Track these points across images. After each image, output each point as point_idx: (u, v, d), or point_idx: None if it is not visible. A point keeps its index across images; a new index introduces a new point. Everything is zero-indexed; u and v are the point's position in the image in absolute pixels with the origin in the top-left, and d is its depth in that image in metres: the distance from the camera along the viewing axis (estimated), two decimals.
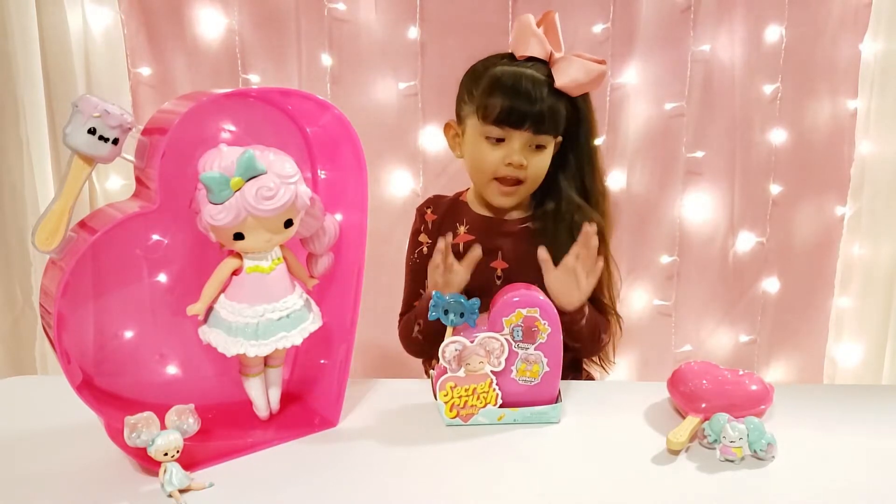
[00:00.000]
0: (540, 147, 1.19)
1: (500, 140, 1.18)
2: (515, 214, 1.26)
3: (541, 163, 1.20)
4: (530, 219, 1.25)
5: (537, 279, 1.12)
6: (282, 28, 1.78)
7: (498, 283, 1.22)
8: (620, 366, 2.00)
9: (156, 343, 1.00)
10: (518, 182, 1.20)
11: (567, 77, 1.16)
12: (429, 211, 1.33)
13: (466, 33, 1.74)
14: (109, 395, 0.93)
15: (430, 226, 1.31)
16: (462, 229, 1.27)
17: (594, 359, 1.32)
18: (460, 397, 1.00)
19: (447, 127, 1.28)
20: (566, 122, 1.19)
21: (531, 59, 1.18)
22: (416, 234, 1.33)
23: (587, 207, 1.23)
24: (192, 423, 0.86)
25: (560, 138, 1.22)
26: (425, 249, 1.29)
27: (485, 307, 1.00)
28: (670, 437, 0.94)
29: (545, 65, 1.18)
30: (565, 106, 1.18)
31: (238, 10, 1.75)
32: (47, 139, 1.65)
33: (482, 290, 1.12)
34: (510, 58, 1.20)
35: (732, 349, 2.00)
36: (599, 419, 1.04)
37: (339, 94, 1.81)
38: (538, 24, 1.20)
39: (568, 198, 1.22)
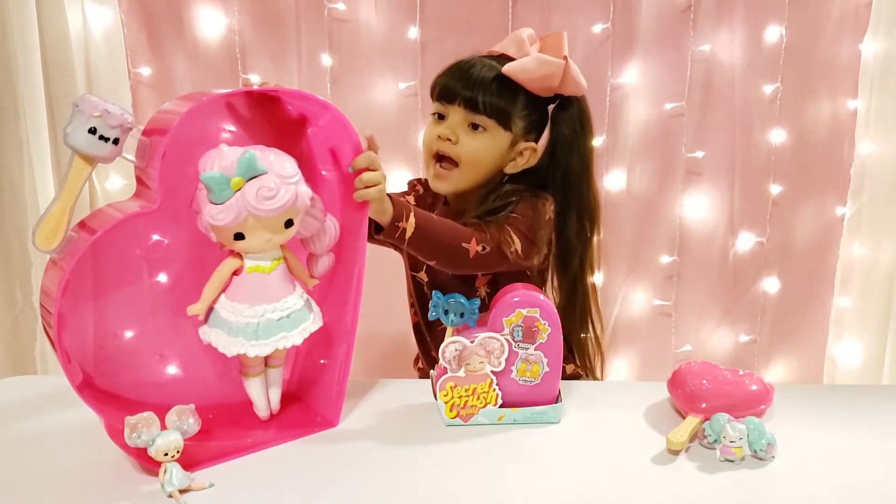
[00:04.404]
0: (477, 129, 1.19)
1: (442, 117, 1.22)
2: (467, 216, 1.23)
3: (475, 145, 1.20)
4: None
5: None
6: (282, 28, 1.78)
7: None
8: (620, 366, 2.01)
9: (156, 343, 1.00)
10: (450, 162, 1.20)
11: (517, 65, 1.17)
12: (419, 185, 1.38)
13: (466, 33, 1.73)
14: (109, 395, 0.94)
15: (413, 197, 1.35)
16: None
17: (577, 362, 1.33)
18: (460, 397, 1.00)
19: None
20: (530, 122, 1.21)
21: (504, 56, 1.20)
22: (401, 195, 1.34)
23: (520, 191, 1.21)
24: (193, 424, 0.86)
25: (534, 145, 1.22)
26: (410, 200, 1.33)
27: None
28: (670, 437, 0.94)
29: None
30: (524, 102, 1.19)
31: (238, 10, 1.75)
32: (47, 139, 1.65)
33: (417, 267, 1.27)
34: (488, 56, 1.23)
35: (732, 349, 1.99)
36: (599, 419, 1.04)
37: (339, 94, 1.81)
38: (539, 39, 1.21)
39: (508, 189, 1.22)
